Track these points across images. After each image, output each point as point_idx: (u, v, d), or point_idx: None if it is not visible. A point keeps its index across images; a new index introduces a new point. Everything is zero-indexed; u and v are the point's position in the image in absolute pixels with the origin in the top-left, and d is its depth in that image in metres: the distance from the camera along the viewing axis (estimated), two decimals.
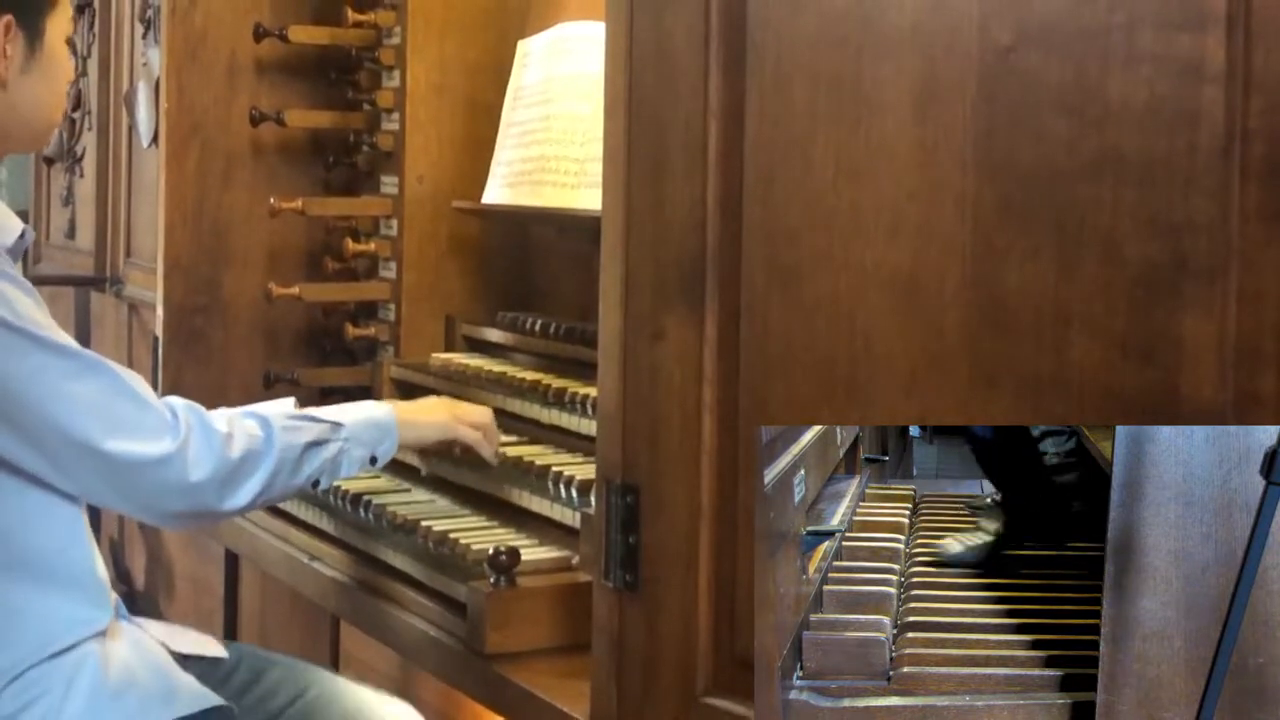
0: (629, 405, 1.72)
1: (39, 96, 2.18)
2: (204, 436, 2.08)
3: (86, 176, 4.80)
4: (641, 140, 1.69)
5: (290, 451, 2.18)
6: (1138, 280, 1.27)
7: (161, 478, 2.05)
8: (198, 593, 4.06)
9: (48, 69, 2.18)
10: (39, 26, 2.16)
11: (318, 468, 2.23)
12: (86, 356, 2.05)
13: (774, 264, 1.57)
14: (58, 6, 2.19)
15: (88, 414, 2.01)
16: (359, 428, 2.29)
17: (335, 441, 2.25)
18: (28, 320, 1.99)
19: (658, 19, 1.67)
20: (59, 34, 2.19)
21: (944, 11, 1.40)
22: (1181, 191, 1.24)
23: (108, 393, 2.03)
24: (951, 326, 1.41)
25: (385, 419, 2.34)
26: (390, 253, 3.16)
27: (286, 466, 2.18)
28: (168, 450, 2.04)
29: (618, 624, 1.74)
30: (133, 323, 4.51)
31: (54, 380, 1.99)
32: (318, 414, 2.27)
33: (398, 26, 3.12)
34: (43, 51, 2.16)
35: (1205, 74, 1.22)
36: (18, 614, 2.06)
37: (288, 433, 2.19)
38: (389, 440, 2.33)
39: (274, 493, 2.19)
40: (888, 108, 1.46)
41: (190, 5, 3.18)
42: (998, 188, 1.37)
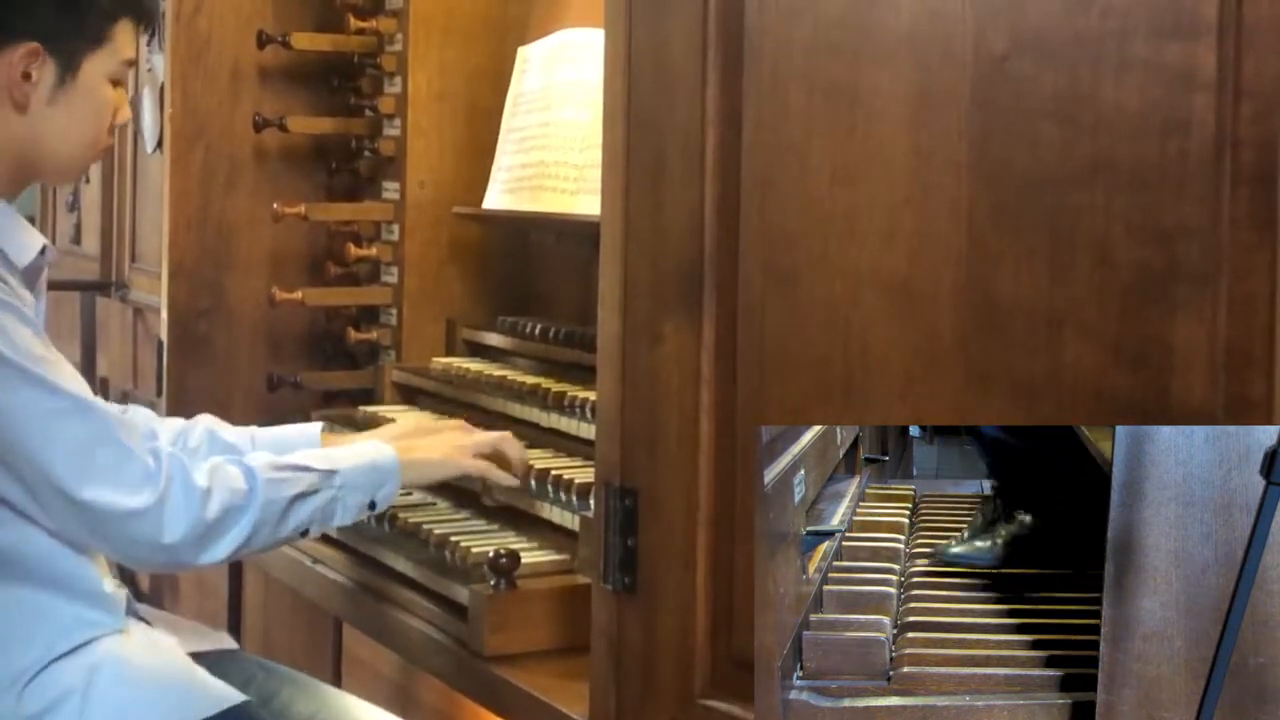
0: (628, 409, 1.72)
1: (64, 130, 2.15)
2: (183, 492, 2.03)
3: (92, 182, 4.81)
4: (640, 146, 1.70)
5: (274, 506, 2.11)
6: (1130, 284, 1.27)
7: (134, 531, 2.01)
8: (202, 595, 4.07)
9: (78, 105, 2.15)
10: (75, 61, 2.13)
11: (305, 518, 2.16)
12: (77, 398, 2.01)
13: (771, 268, 1.57)
14: (104, 46, 2.16)
15: (68, 457, 1.98)
16: (355, 474, 2.21)
17: (327, 490, 2.17)
18: (24, 353, 1.97)
19: (656, 27, 1.67)
20: (99, 73, 2.16)
21: (939, 19, 1.41)
22: (1173, 197, 1.24)
23: (92, 437, 2.00)
24: (946, 329, 1.41)
25: (387, 462, 2.25)
26: (392, 257, 3.16)
27: (270, 521, 2.11)
28: (144, 504, 2.00)
29: (616, 626, 1.74)
30: (138, 327, 4.51)
31: (39, 418, 1.97)
32: (312, 462, 2.19)
33: (399, 33, 3.12)
34: (75, 86, 2.14)
35: (1196, 82, 1.22)
36: (30, 616, 2.06)
37: (273, 486, 2.12)
38: (390, 484, 2.25)
39: (256, 545, 2.13)
40: (883, 114, 1.46)
41: (194, 12, 3.18)
42: (992, 193, 1.37)
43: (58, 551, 2.07)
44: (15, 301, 2.02)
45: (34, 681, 2.04)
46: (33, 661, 2.05)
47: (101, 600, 2.12)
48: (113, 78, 2.18)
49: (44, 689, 2.04)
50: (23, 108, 2.12)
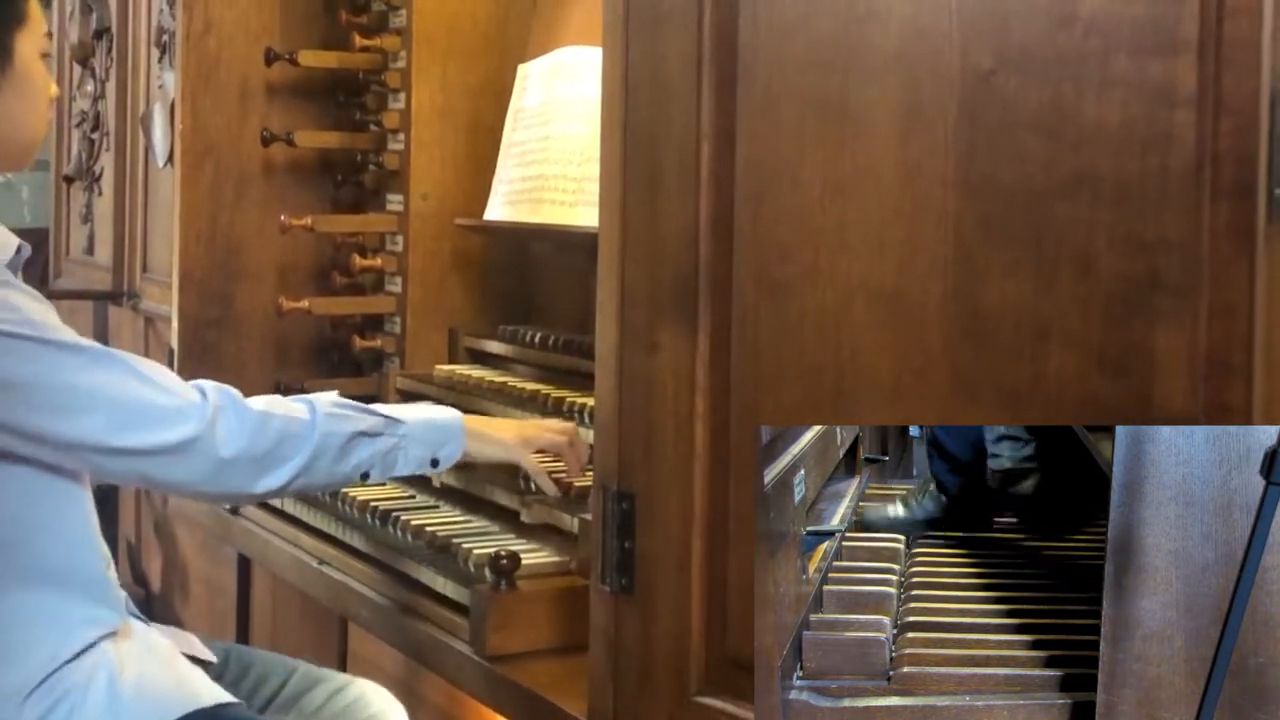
0: (624, 414, 1.71)
1: (14, 114, 2.11)
2: (236, 415, 2.01)
3: (105, 195, 4.80)
4: (637, 160, 1.69)
5: (334, 438, 2.09)
6: (1112, 295, 1.27)
7: (184, 462, 1.98)
8: (211, 595, 4.06)
9: (22, 86, 2.11)
10: (8, 45, 2.09)
11: (367, 459, 2.13)
12: (96, 349, 1.98)
13: (764, 279, 1.57)
14: (27, 24, 2.12)
15: (104, 407, 1.94)
16: (420, 427, 2.19)
17: (390, 436, 2.15)
18: (37, 324, 1.94)
19: (652, 45, 1.67)
20: (31, 50, 2.12)
21: (927, 37, 1.40)
22: (1154, 210, 1.24)
23: (122, 380, 1.96)
24: (934, 338, 1.41)
25: (451, 423, 2.24)
26: (396, 268, 3.16)
27: (329, 453, 2.08)
28: (190, 433, 1.97)
29: (614, 626, 1.74)
30: (149, 335, 4.50)
31: (68, 376, 1.93)
32: (378, 408, 2.18)
33: (403, 51, 3.12)
34: (14, 69, 2.10)
35: (1177, 98, 1.22)
36: (38, 621, 2.04)
37: (333, 419, 2.09)
38: (453, 444, 2.23)
39: (315, 477, 2.10)
40: (873, 129, 1.46)
41: (204, 31, 3.18)
42: (978, 206, 1.37)
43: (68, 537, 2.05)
44: (15, 280, 1.99)
45: (39, 688, 2.02)
46: (40, 668, 2.03)
47: (105, 593, 2.10)
48: (42, 51, 2.15)
49: (49, 691, 2.03)
50: None
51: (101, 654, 2.06)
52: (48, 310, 1.99)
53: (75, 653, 2.05)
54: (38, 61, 2.15)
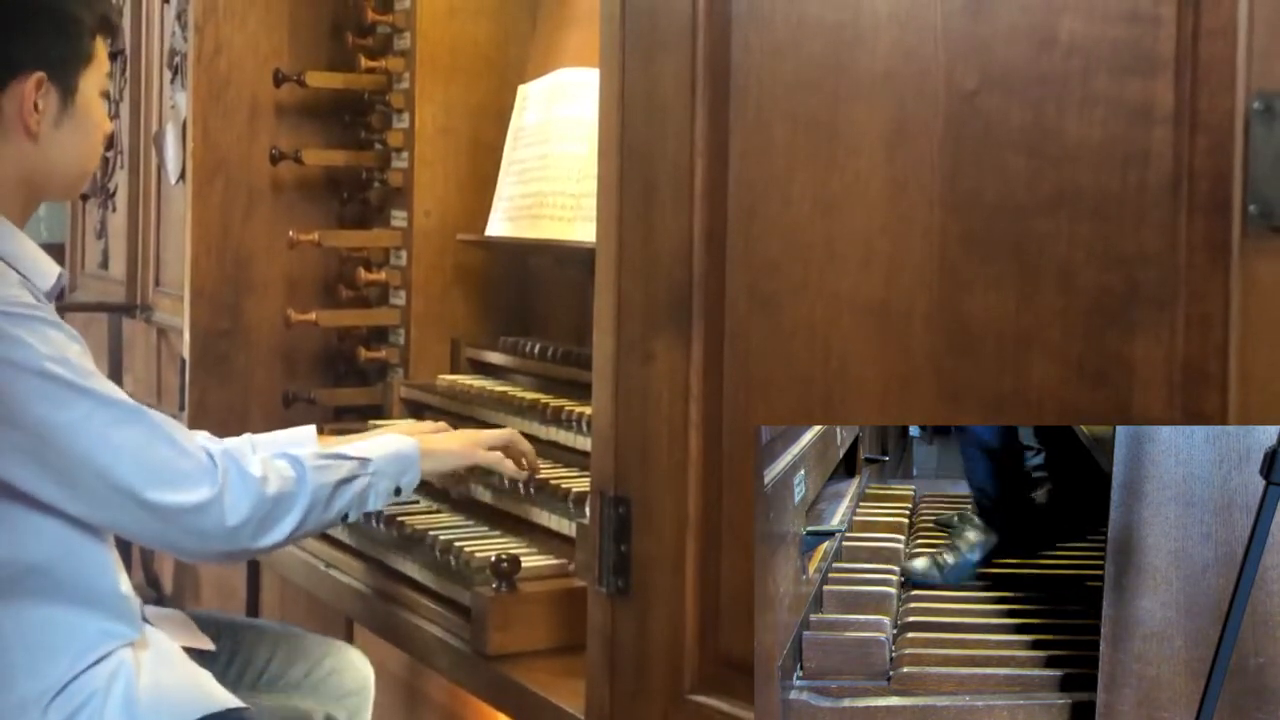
0: (621, 423, 1.71)
1: (70, 148, 2.15)
2: (240, 481, 2.04)
3: (119, 211, 4.80)
4: (632, 177, 1.69)
5: (322, 490, 2.13)
6: (1092, 307, 1.27)
7: (200, 524, 2.01)
8: (222, 597, 4.05)
9: (81, 122, 2.15)
10: (72, 83, 2.13)
11: (348, 502, 2.18)
12: (128, 405, 2.00)
13: (755, 292, 1.56)
14: (93, 63, 2.16)
15: (130, 463, 1.97)
16: (384, 461, 2.24)
17: (363, 476, 2.20)
18: (75, 369, 1.96)
19: (648, 66, 1.67)
20: (93, 88, 2.16)
21: (913, 58, 1.40)
22: (1133, 225, 1.24)
23: (149, 441, 1.99)
24: (919, 349, 1.40)
25: (409, 451, 2.28)
26: (400, 281, 3.16)
27: (319, 505, 2.13)
28: (206, 497, 2.00)
29: (611, 626, 1.73)
30: (161, 346, 4.50)
31: (99, 429, 1.95)
32: (346, 450, 2.22)
33: (407, 73, 3.12)
34: (76, 105, 2.14)
35: (1155, 116, 1.22)
36: (60, 632, 2.04)
37: (319, 472, 2.14)
38: (412, 471, 2.28)
39: (309, 527, 2.15)
40: (861, 147, 1.45)
41: (215, 52, 3.18)
42: (963, 221, 1.36)
43: (88, 563, 2.06)
44: (57, 318, 2.00)
45: (60, 695, 2.02)
46: (59, 677, 2.03)
47: (122, 609, 2.11)
48: (101, 90, 2.19)
49: (69, 700, 2.03)
50: (34, 135, 2.11)
51: (119, 661, 2.07)
52: (84, 353, 2.00)
53: (97, 658, 2.05)
54: (98, 99, 2.18)
